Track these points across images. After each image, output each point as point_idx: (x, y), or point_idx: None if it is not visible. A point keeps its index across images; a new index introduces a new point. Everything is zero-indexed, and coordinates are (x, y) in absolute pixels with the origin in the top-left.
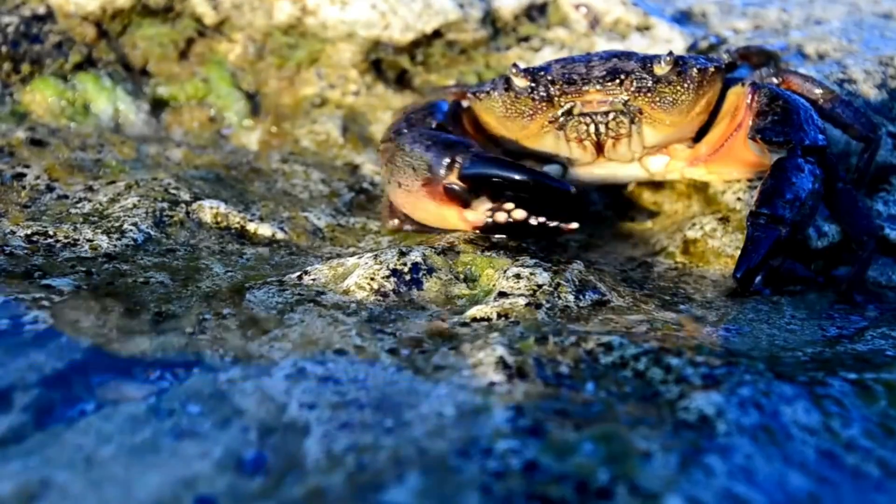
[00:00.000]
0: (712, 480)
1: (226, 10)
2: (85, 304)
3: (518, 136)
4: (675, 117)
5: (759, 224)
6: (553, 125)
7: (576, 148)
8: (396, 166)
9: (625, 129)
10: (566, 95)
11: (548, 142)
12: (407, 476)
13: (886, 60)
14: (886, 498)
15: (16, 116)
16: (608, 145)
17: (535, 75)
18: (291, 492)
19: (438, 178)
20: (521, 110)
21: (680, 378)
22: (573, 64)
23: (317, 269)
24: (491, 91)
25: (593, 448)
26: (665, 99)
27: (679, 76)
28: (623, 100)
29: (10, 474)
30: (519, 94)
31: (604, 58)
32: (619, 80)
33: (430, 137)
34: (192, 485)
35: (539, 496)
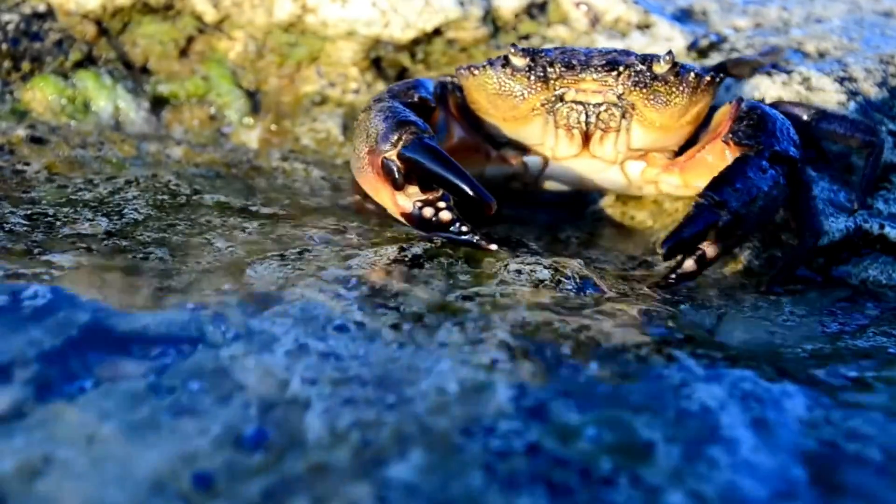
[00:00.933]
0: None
1: (226, 7)
2: (86, 278)
3: (506, 117)
4: (666, 120)
5: (702, 204)
6: (544, 108)
7: (563, 136)
8: (359, 130)
9: (615, 123)
10: (562, 79)
11: (535, 126)
12: (410, 452)
13: (887, 59)
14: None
15: (16, 114)
16: (595, 137)
17: (533, 55)
18: (293, 467)
19: (380, 151)
20: (515, 89)
21: (682, 367)
22: (573, 51)
23: (318, 248)
24: (488, 66)
25: (596, 433)
26: (659, 98)
27: (676, 77)
28: (618, 92)
29: (12, 450)
30: (516, 72)
31: (604, 52)
32: (617, 71)
33: (393, 111)
34: (191, 461)
35: (543, 479)
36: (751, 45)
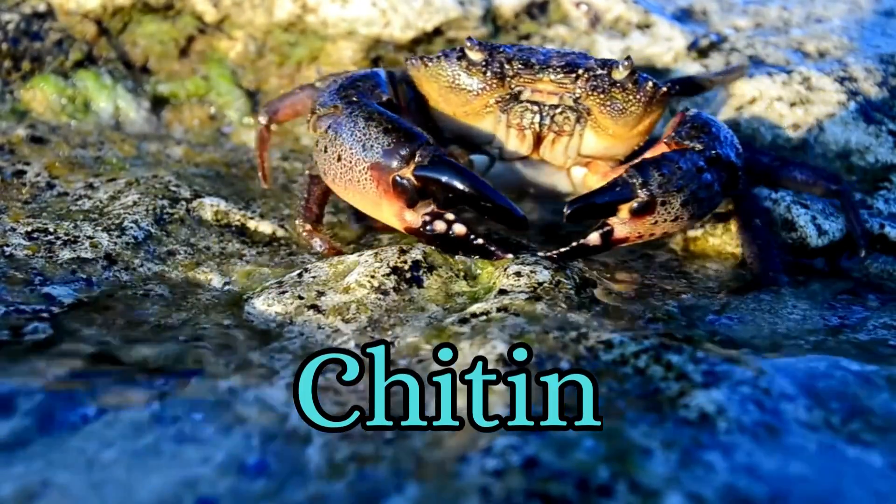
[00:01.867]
0: (713, 476)
1: (226, 7)
2: (86, 315)
3: (457, 112)
4: (620, 127)
5: (622, 178)
6: (498, 106)
7: (514, 136)
8: (342, 137)
9: (569, 127)
10: (519, 77)
11: (486, 124)
12: (406, 486)
13: (887, 58)
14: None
15: (16, 114)
16: (547, 140)
17: (491, 50)
18: (293, 496)
19: (390, 168)
20: (470, 84)
21: (680, 375)
22: (531, 50)
23: (317, 266)
24: (442, 58)
25: (594, 445)
26: (615, 105)
27: (634, 85)
28: (575, 95)
29: (12, 476)
30: (471, 66)
31: (562, 53)
32: (575, 74)
33: (388, 120)
34: (194, 487)
35: (539, 494)
36: (751, 45)
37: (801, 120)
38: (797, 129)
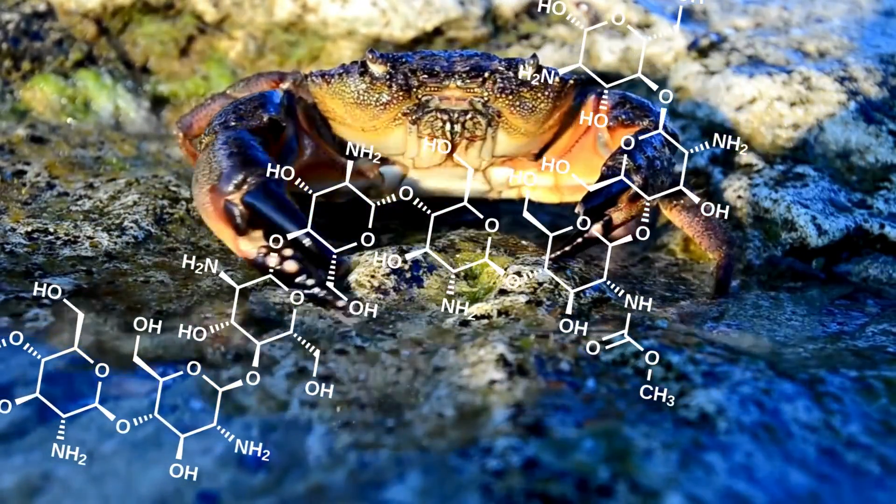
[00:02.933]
0: (713, 478)
1: (226, 7)
2: (86, 302)
3: (365, 127)
4: (531, 125)
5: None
6: (407, 118)
7: (426, 145)
8: (202, 160)
9: (480, 132)
10: (425, 87)
11: (396, 136)
12: (408, 475)
13: (887, 58)
14: (887, 494)
15: (16, 114)
16: (461, 147)
17: (394, 62)
18: (294, 488)
19: (223, 192)
20: (376, 98)
21: (680, 375)
22: (434, 56)
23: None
24: (344, 75)
25: (594, 445)
26: (525, 104)
27: (541, 82)
28: (483, 99)
29: (12, 468)
30: (375, 81)
31: (465, 55)
32: (482, 77)
33: (241, 145)
34: (195, 480)
35: (539, 494)
36: (751, 45)
37: (801, 120)
38: (797, 128)
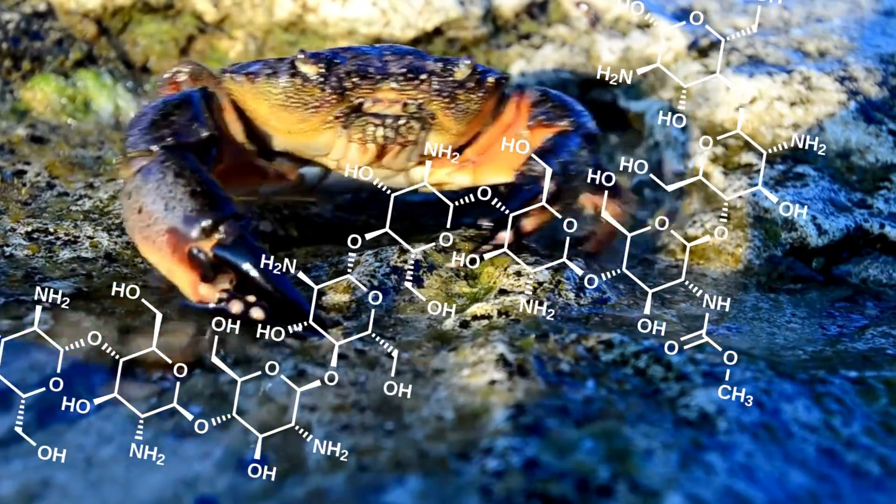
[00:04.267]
0: (713, 478)
1: (226, 7)
2: (86, 305)
3: (292, 129)
4: (463, 126)
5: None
6: (338, 121)
7: (356, 149)
8: (147, 188)
9: (413, 136)
10: (359, 89)
11: (325, 138)
12: (407, 478)
13: (887, 58)
14: (886, 496)
15: (16, 113)
16: (392, 152)
17: (327, 63)
18: (293, 492)
19: (188, 238)
20: (306, 101)
21: (680, 375)
22: (366, 55)
23: (317, 265)
24: (272, 75)
25: (594, 445)
26: (459, 106)
27: (477, 83)
28: (418, 101)
29: (11, 474)
30: (306, 83)
31: (396, 52)
32: (417, 79)
33: (199, 180)
34: (193, 485)
35: (539, 494)
36: (751, 45)
37: (801, 119)
38: (797, 128)
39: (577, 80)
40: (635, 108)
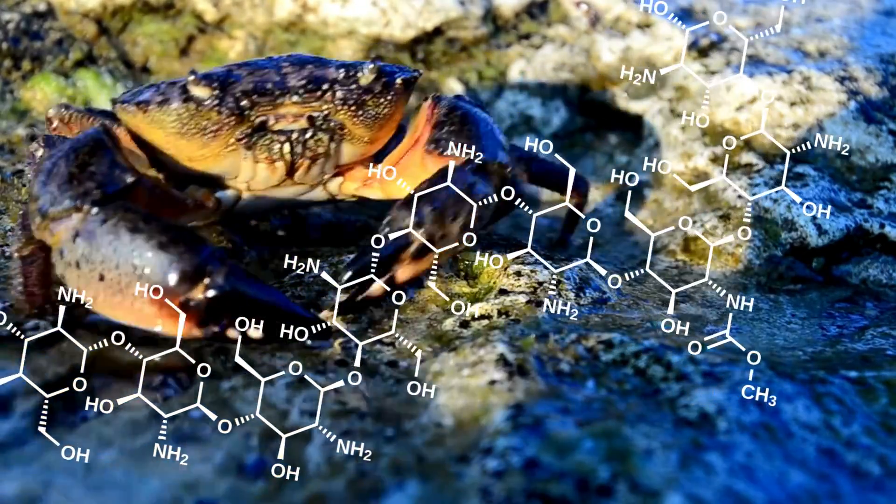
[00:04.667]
0: (713, 478)
1: (226, 7)
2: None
3: (193, 157)
4: (375, 132)
5: (395, 221)
6: (241, 143)
7: (263, 170)
8: (103, 254)
9: (323, 148)
10: (259, 108)
11: (230, 162)
12: (407, 483)
13: (888, 58)
14: (886, 496)
15: (16, 113)
16: (303, 168)
17: (222, 83)
18: (293, 497)
19: (176, 293)
20: (203, 126)
21: (680, 375)
22: (263, 70)
23: (318, 265)
24: (163, 103)
25: (594, 445)
26: (368, 112)
27: (384, 87)
28: (323, 113)
29: (11, 478)
30: (201, 107)
31: (296, 63)
32: (321, 90)
33: (161, 230)
34: (194, 489)
35: (539, 494)
36: (751, 45)
37: (801, 119)
38: (797, 128)
39: (577, 80)
40: (635, 108)
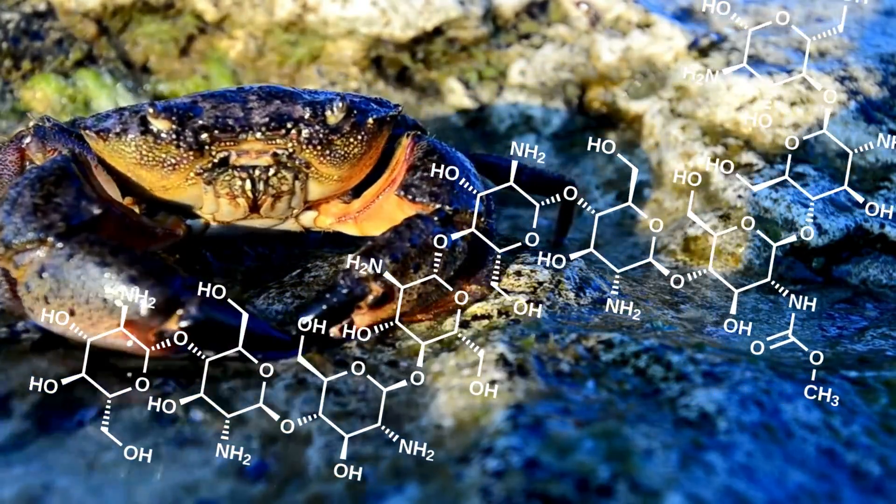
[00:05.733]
0: (713, 478)
1: (226, 6)
2: None
3: (154, 187)
4: (345, 171)
5: (353, 272)
6: (201, 178)
7: (226, 204)
8: (71, 289)
9: (287, 186)
10: (219, 143)
11: (191, 194)
12: (406, 485)
13: (888, 58)
14: (886, 496)
15: (16, 113)
16: (266, 204)
17: (181, 117)
18: (293, 499)
19: (151, 325)
20: (162, 158)
21: (680, 375)
22: (227, 103)
23: (317, 265)
24: (122, 133)
25: (594, 445)
26: (336, 152)
27: (353, 127)
28: (288, 151)
29: (11, 479)
30: (159, 140)
31: (263, 97)
32: (284, 129)
33: (129, 262)
34: (194, 491)
35: (539, 494)
36: (751, 44)
37: (801, 119)
38: (797, 128)
39: (577, 80)
40: (635, 108)
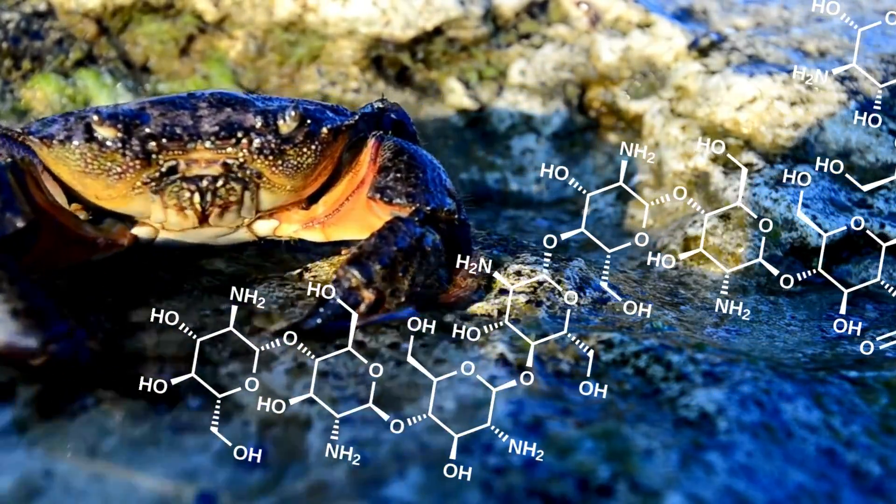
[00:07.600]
0: (713, 478)
1: (226, 6)
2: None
3: (98, 196)
4: (298, 181)
5: (343, 281)
6: (148, 187)
7: (174, 215)
8: None
9: (235, 197)
10: (167, 152)
11: (139, 204)
12: (408, 471)
13: (888, 58)
14: (886, 496)
15: (16, 113)
16: (214, 214)
17: (127, 124)
18: (293, 486)
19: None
20: (107, 167)
21: (680, 375)
22: (176, 111)
23: (317, 265)
24: (66, 140)
25: (594, 445)
26: (289, 162)
27: (307, 137)
28: (238, 161)
29: (12, 466)
30: (104, 148)
31: (214, 104)
32: (235, 138)
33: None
34: (193, 477)
35: (539, 493)
36: (751, 44)
37: (801, 119)
38: (797, 128)
39: (577, 80)
40: (635, 108)
